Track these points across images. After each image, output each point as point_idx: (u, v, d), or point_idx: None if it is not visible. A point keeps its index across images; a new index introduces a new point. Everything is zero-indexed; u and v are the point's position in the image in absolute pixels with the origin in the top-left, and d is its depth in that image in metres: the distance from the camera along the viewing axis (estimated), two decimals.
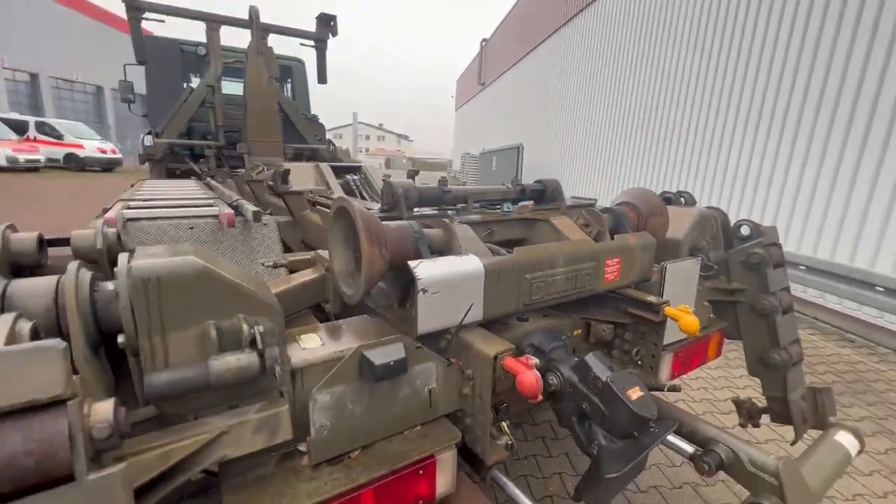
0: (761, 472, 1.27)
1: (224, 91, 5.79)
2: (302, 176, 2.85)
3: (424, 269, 1.03)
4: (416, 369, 1.03)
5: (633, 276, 1.52)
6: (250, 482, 0.89)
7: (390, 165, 44.50)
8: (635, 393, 1.10)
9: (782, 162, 5.51)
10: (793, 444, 1.85)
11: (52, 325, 0.84)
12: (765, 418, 1.93)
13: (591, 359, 1.15)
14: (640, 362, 1.55)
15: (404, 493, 1.00)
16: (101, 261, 1.05)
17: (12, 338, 0.66)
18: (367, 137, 75.28)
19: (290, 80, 7.00)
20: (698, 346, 1.75)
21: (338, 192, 2.67)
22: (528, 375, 0.98)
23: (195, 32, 5.94)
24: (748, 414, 1.92)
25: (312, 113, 7.32)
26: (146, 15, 5.28)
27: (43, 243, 1.07)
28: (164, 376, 0.75)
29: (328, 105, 7.44)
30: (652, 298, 1.45)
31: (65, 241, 1.07)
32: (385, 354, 0.93)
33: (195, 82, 6.37)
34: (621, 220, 1.59)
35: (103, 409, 0.61)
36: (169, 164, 5.90)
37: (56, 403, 0.56)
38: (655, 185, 8.10)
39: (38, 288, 0.78)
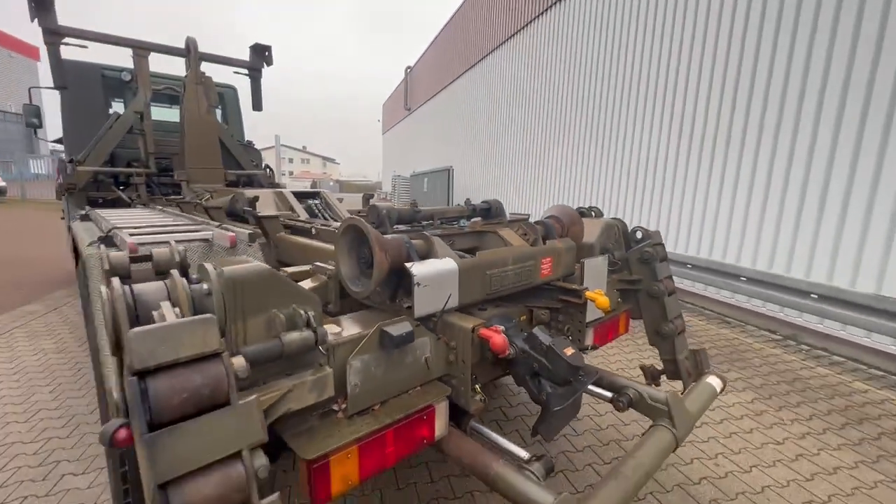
0: (657, 403, 1.78)
1: (153, 117, 5.70)
2: (265, 202, 3.07)
3: (417, 269, 1.40)
4: (417, 342, 1.39)
5: (561, 272, 2.00)
6: (304, 432, 1.18)
7: (317, 188, 43.55)
8: (569, 351, 1.55)
9: (669, 180, 6.62)
10: (682, 394, 2.44)
11: None
12: (664, 379, 2.51)
13: (537, 331, 1.58)
14: (569, 337, 2.02)
15: (413, 434, 1.34)
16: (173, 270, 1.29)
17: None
18: (291, 160, 73.05)
19: (223, 107, 6.98)
20: (612, 323, 2.28)
21: (303, 215, 2.93)
22: (498, 338, 1.39)
23: (122, 58, 5.80)
24: (651, 375, 2.48)
25: (247, 139, 7.34)
26: (69, 41, 5.10)
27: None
28: (251, 349, 1.04)
29: (248, 127, 7.54)
30: (575, 287, 1.94)
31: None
32: (398, 328, 1.28)
33: (117, 107, 6.17)
34: (550, 230, 2.08)
35: (238, 361, 0.91)
36: (90, 192, 5.62)
37: (216, 355, 0.86)
38: (572, 200, 9.12)
39: (156, 288, 1.03)
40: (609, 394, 1.88)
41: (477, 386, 1.55)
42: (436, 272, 1.44)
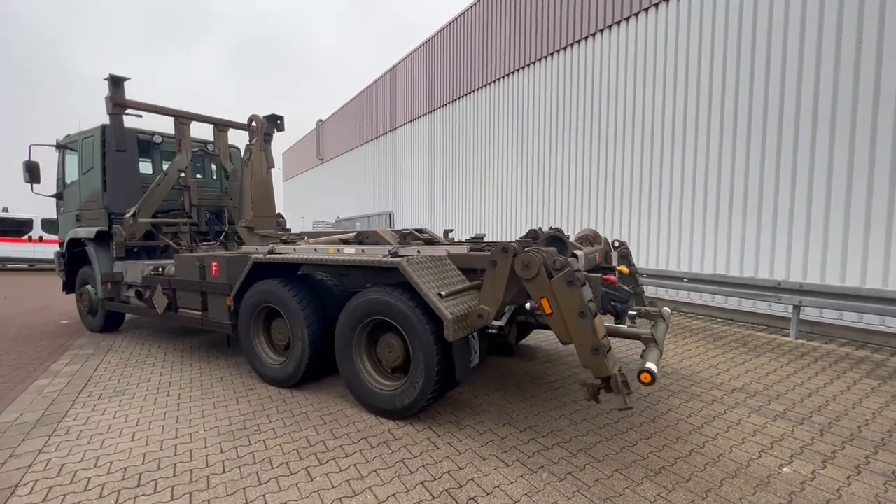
0: (654, 310, 3.81)
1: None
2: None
3: (579, 261, 3.26)
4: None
5: (602, 259, 3.99)
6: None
7: None
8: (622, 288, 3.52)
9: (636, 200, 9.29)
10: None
11: None
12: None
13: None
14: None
15: None
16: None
17: None
18: None
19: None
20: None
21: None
22: (613, 277, 3.30)
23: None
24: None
25: None
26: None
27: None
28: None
29: None
30: (613, 265, 3.92)
31: None
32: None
33: (143, 167, 6.82)
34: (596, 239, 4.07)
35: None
36: (130, 242, 6.20)
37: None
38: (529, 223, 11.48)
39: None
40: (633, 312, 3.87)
41: None
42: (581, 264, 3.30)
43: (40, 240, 16.62)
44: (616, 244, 4.51)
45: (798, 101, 6.02)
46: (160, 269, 5.66)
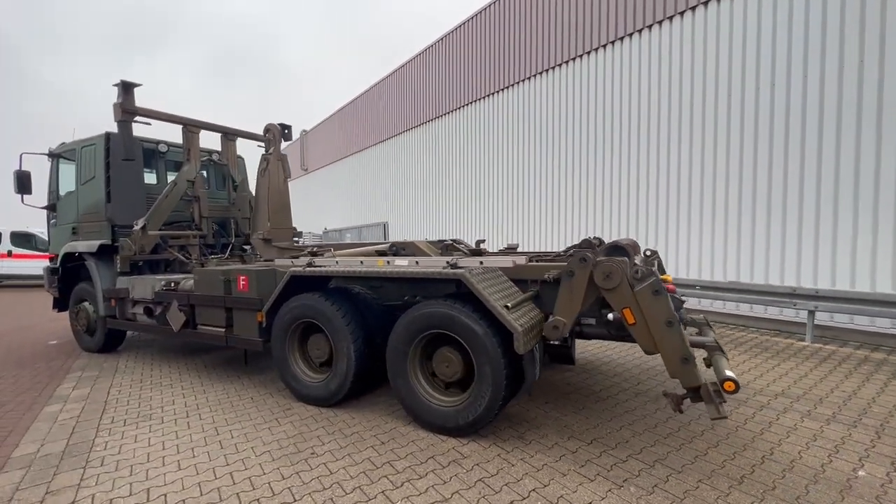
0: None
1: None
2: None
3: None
4: None
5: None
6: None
7: None
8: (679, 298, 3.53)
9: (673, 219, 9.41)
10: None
11: None
12: None
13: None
14: None
15: None
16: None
17: None
18: None
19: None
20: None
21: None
22: (672, 286, 3.30)
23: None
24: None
25: None
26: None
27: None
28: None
29: None
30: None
31: None
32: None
33: (147, 177, 6.52)
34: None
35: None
36: (136, 256, 5.90)
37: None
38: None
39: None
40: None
41: None
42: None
43: (9, 254, 15.63)
44: (648, 253, 4.55)
45: (803, 111, 6.30)
46: (172, 285, 5.38)
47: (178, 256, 6.09)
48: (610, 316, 2.82)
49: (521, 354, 3.02)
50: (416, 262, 3.66)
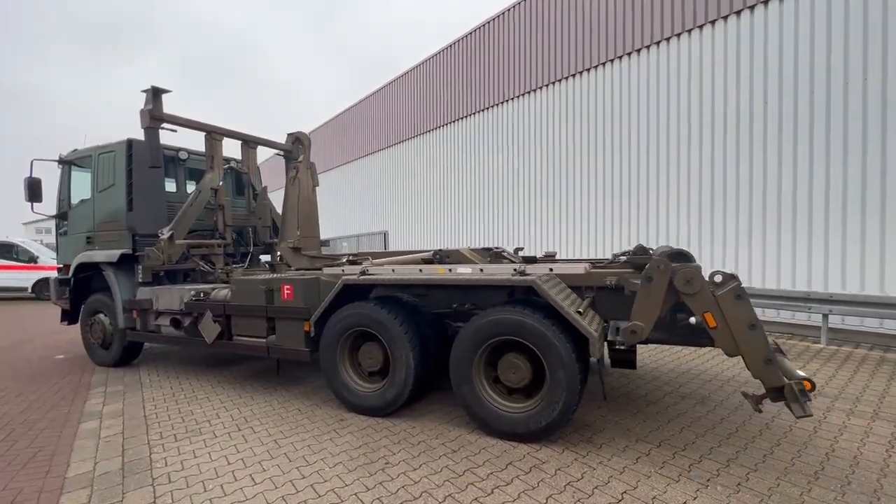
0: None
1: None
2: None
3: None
4: None
5: None
6: None
7: None
8: None
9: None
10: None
11: None
12: None
13: None
14: None
15: None
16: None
17: None
18: None
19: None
20: None
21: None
22: None
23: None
24: None
25: None
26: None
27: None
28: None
29: None
30: None
31: None
32: None
33: (167, 185, 6.38)
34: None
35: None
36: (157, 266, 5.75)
37: None
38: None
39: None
40: None
41: None
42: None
43: None
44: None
45: (811, 121, 6.64)
46: (202, 295, 5.25)
47: (202, 266, 5.95)
48: (692, 320, 2.91)
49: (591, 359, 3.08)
50: (481, 270, 3.68)
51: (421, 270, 3.97)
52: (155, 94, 5.35)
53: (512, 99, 11.57)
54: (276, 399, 4.61)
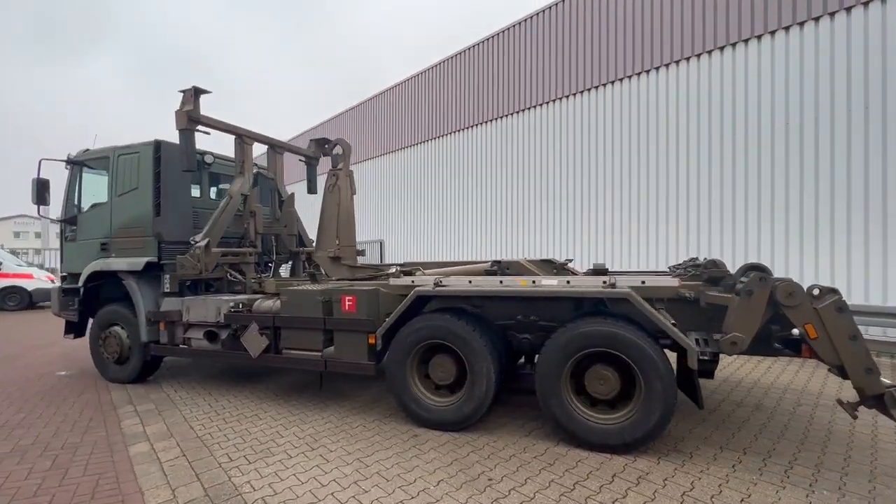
0: None
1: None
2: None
3: None
4: None
5: None
6: None
7: None
8: None
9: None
10: None
11: None
12: None
13: None
14: None
15: None
16: None
17: None
18: None
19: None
20: None
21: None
22: None
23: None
24: None
25: None
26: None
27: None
28: None
29: None
30: None
31: None
32: None
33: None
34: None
35: None
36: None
37: None
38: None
39: None
40: None
41: None
42: None
43: None
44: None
45: (816, 143, 7.14)
46: (240, 306, 5.01)
47: (232, 275, 5.68)
48: (794, 331, 3.04)
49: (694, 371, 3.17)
50: (568, 282, 3.71)
51: (501, 282, 3.95)
52: (196, 94, 5.10)
53: (523, 111, 11.77)
54: (332, 415, 4.44)
